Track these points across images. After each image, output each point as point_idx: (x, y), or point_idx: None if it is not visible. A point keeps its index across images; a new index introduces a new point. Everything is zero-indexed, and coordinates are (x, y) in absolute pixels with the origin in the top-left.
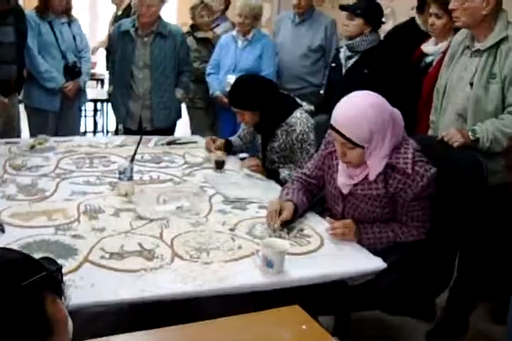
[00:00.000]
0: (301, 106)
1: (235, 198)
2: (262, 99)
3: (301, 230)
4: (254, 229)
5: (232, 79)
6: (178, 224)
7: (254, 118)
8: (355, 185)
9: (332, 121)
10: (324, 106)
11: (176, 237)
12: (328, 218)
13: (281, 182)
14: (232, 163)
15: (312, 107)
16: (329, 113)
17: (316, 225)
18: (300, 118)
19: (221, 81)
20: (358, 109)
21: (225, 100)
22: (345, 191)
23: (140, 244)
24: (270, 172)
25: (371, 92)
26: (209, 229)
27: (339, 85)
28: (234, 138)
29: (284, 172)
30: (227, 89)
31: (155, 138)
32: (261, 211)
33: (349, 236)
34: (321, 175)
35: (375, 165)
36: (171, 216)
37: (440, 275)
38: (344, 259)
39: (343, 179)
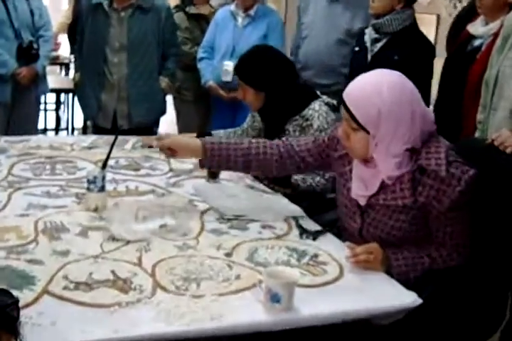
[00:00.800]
0: (318, 96)
1: (232, 215)
2: (272, 77)
3: (315, 256)
4: (256, 254)
5: (229, 66)
6: (162, 247)
7: (257, 100)
8: (376, 194)
9: (344, 94)
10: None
11: (158, 264)
12: (348, 243)
13: (294, 187)
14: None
15: (335, 101)
16: None
17: (334, 250)
18: (319, 111)
19: (216, 68)
20: (375, 84)
21: (221, 92)
22: (362, 202)
23: (113, 272)
24: None
25: (402, 74)
26: (200, 253)
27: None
28: (224, 132)
29: (297, 175)
30: (225, 78)
31: (133, 139)
32: (265, 231)
33: (375, 265)
34: (308, 162)
35: (384, 163)
36: (152, 237)
37: (488, 314)
38: (368, 293)
39: (357, 188)
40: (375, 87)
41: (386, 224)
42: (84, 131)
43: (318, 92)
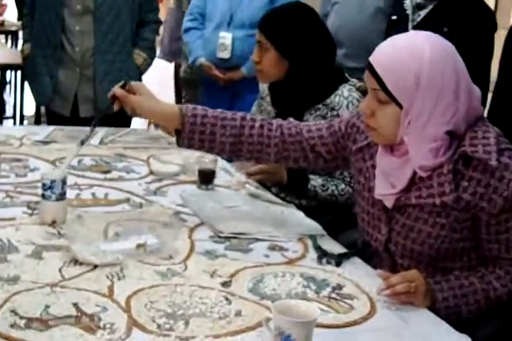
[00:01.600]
0: (348, 80)
1: (230, 233)
2: (307, 43)
3: (339, 287)
4: (261, 283)
5: (227, 39)
6: (139, 273)
7: (276, 68)
8: (407, 190)
9: (371, 57)
10: None
11: (134, 295)
12: (379, 271)
13: (311, 197)
14: (226, 174)
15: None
16: None
17: (363, 279)
18: (348, 98)
19: (208, 41)
20: (413, 45)
21: (216, 72)
22: (389, 203)
23: (76, 306)
24: (294, 176)
25: (441, 37)
26: (189, 282)
27: None
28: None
29: (316, 181)
30: (221, 54)
31: (101, 132)
32: (273, 254)
33: (416, 297)
34: (319, 152)
35: (417, 148)
36: (126, 260)
37: None
38: (409, 336)
39: (382, 186)
40: (414, 49)
41: (420, 232)
42: (37, 120)
43: (346, 75)
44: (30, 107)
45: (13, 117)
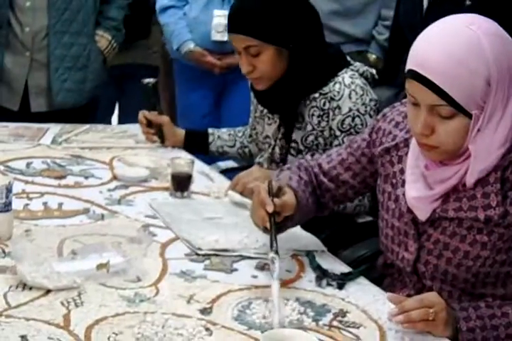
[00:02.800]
0: (350, 64)
1: (211, 249)
2: (295, 24)
3: (342, 314)
4: (249, 310)
5: (224, 17)
6: (100, 298)
7: (277, 65)
8: (444, 200)
9: (412, 64)
10: (387, 71)
11: (95, 325)
12: (390, 294)
13: None
14: (204, 178)
15: (374, 70)
16: (396, 84)
17: (371, 304)
18: (350, 85)
19: (197, 21)
20: (467, 40)
21: (211, 58)
22: (422, 215)
23: (25, 339)
24: None
25: (482, 17)
26: (161, 309)
27: (417, 30)
28: (218, 131)
29: None
30: (217, 36)
31: (54, 129)
32: (262, 275)
33: (435, 327)
34: (345, 180)
35: (483, 157)
36: (85, 283)
37: None
38: None
39: (417, 190)
40: (472, 46)
41: (457, 251)
42: None
43: (348, 57)
44: None
45: None
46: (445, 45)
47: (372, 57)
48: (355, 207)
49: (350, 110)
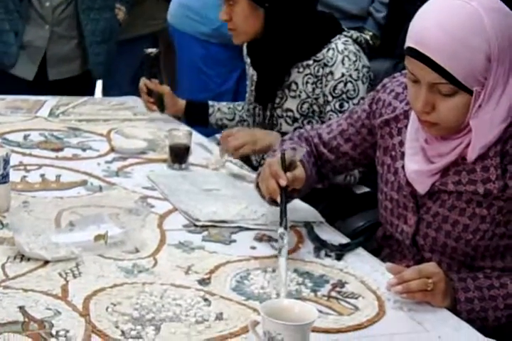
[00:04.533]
0: (343, 30)
1: (209, 221)
2: None
3: (341, 284)
4: (247, 280)
5: None
6: (99, 269)
7: (250, 21)
8: (444, 174)
9: (411, 42)
10: (385, 44)
11: (93, 296)
12: (389, 264)
13: None
14: (202, 150)
15: (368, 36)
16: (395, 56)
17: (369, 275)
18: (343, 51)
19: None
20: (466, 16)
21: None
22: (421, 189)
23: (23, 309)
24: None
25: None
26: (159, 280)
27: (416, 2)
28: (218, 104)
29: None
30: None
31: (51, 101)
32: (260, 246)
33: (434, 296)
34: (345, 152)
35: (484, 132)
36: (83, 254)
37: None
38: None
39: (417, 164)
40: (472, 21)
41: (456, 224)
42: None
43: (342, 24)
44: None
45: None
46: (444, 22)
47: (369, 34)
48: (344, 177)
49: (343, 75)
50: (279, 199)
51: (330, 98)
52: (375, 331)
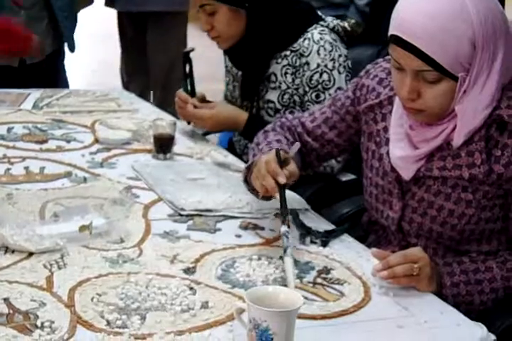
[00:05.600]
0: (321, 19)
1: (194, 210)
2: None
3: (326, 271)
4: (232, 269)
5: None
6: (83, 260)
7: (233, 25)
8: (428, 159)
9: (395, 30)
10: (369, 30)
11: (78, 287)
12: (374, 249)
13: None
14: (187, 139)
15: (346, 24)
16: (379, 42)
17: (355, 261)
18: (319, 41)
19: None
20: (449, 1)
21: None
22: (406, 175)
23: (7, 301)
24: (252, 121)
25: None
26: (144, 269)
27: None
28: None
29: None
30: None
31: (35, 94)
32: (246, 234)
33: (419, 281)
34: (330, 139)
35: (469, 117)
36: (68, 245)
37: None
38: (412, 327)
39: (402, 150)
40: (455, 7)
41: (441, 209)
42: None
43: (319, 13)
44: None
45: None
46: (428, 9)
47: (351, 22)
48: (324, 168)
49: (319, 66)
50: (277, 196)
51: (307, 88)
52: (361, 317)
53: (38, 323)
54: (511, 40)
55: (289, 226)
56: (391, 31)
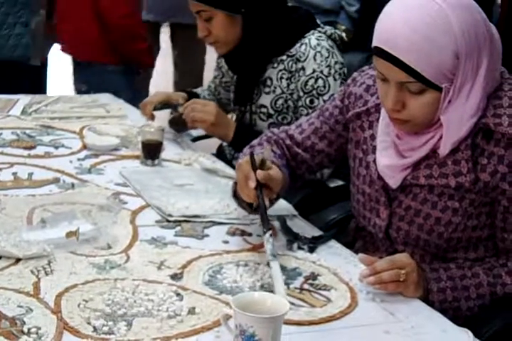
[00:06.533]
0: (319, 26)
1: (181, 216)
2: None
3: (314, 277)
4: (220, 274)
5: None
6: (70, 266)
7: (230, 31)
8: (415, 167)
9: (377, 42)
10: (358, 37)
11: (65, 293)
12: (361, 255)
13: None
14: (175, 146)
15: (344, 34)
16: (368, 48)
17: (342, 267)
18: (316, 47)
19: None
20: (432, 13)
21: None
22: (393, 183)
23: None
24: (241, 131)
25: None
26: (131, 275)
27: None
28: (201, 91)
29: None
30: None
31: (24, 100)
32: (233, 240)
33: (406, 287)
34: (320, 149)
35: (455, 127)
36: (55, 251)
37: None
38: (399, 332)
39: (389, 158)
40: (438, 20)
41: (428, 217)
42: None
43: (317, 20)
44: None
45: None
46: (410, 22)
47: (342, 28)
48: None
49: (314, 71)
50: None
51: (301, 93)
52: (348, 322)
53: (25, 329)
54: (495, 48)
55: (270, 229)
56: (374, 43)
